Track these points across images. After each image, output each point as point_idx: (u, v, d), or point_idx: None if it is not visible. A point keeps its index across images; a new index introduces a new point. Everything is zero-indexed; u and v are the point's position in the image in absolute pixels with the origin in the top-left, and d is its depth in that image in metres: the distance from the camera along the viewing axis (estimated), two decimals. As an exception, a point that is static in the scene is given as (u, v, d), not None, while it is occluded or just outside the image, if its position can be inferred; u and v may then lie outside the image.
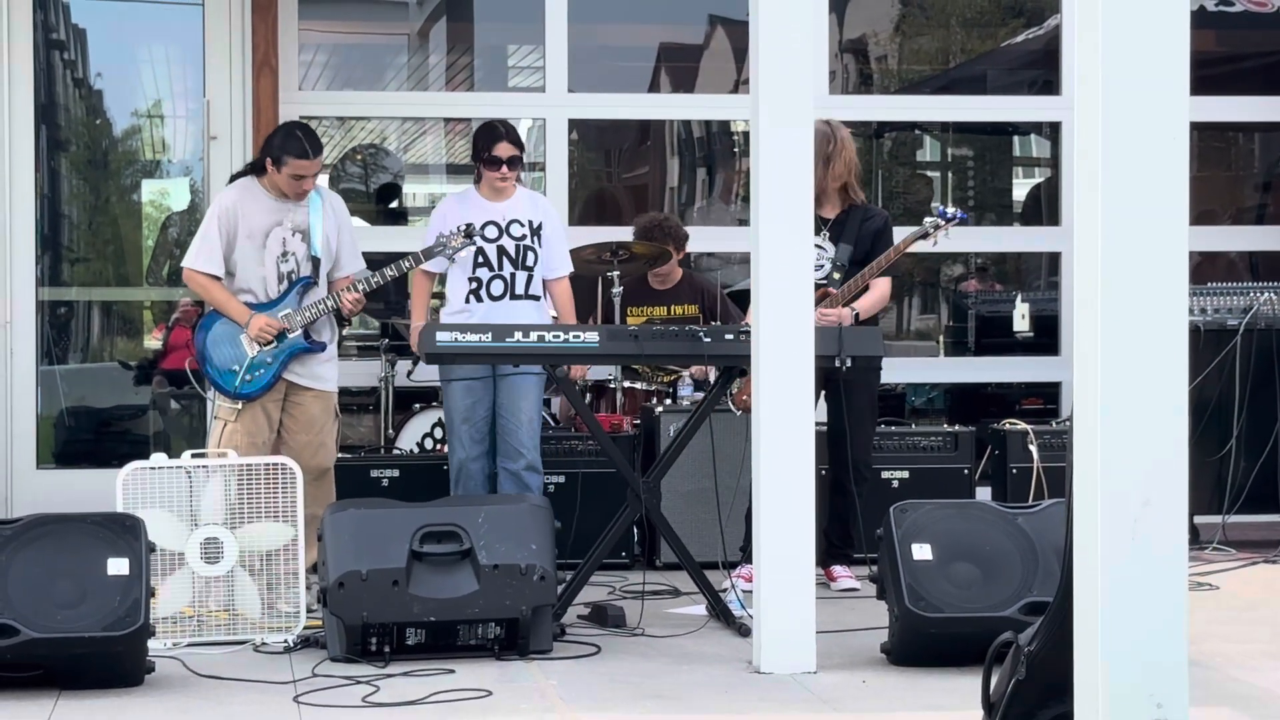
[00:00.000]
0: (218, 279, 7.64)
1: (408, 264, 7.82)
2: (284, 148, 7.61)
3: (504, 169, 8.00)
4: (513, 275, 8.02)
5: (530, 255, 8.04)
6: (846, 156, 8.09)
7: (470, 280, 7.99)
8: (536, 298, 8.07)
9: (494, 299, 7.99)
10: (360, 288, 7.71)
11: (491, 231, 7.99)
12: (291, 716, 5.79)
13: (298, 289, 7.67)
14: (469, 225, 7.91)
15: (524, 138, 8.38)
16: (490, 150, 8.05)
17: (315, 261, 7.69)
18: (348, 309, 7.71)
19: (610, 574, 8.12)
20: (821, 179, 7.82)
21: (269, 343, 7.60)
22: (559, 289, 8.18)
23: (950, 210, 8.08)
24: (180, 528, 6.77)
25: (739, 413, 8.19)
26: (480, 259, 7.96)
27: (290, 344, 7.65)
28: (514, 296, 8.01)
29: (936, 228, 8.01)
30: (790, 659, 6.35)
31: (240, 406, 7.60)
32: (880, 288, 8.08)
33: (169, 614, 6.66)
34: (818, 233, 7.81)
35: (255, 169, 7.78)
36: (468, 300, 7.99)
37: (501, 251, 8.00)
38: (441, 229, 7.94)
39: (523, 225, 8.05)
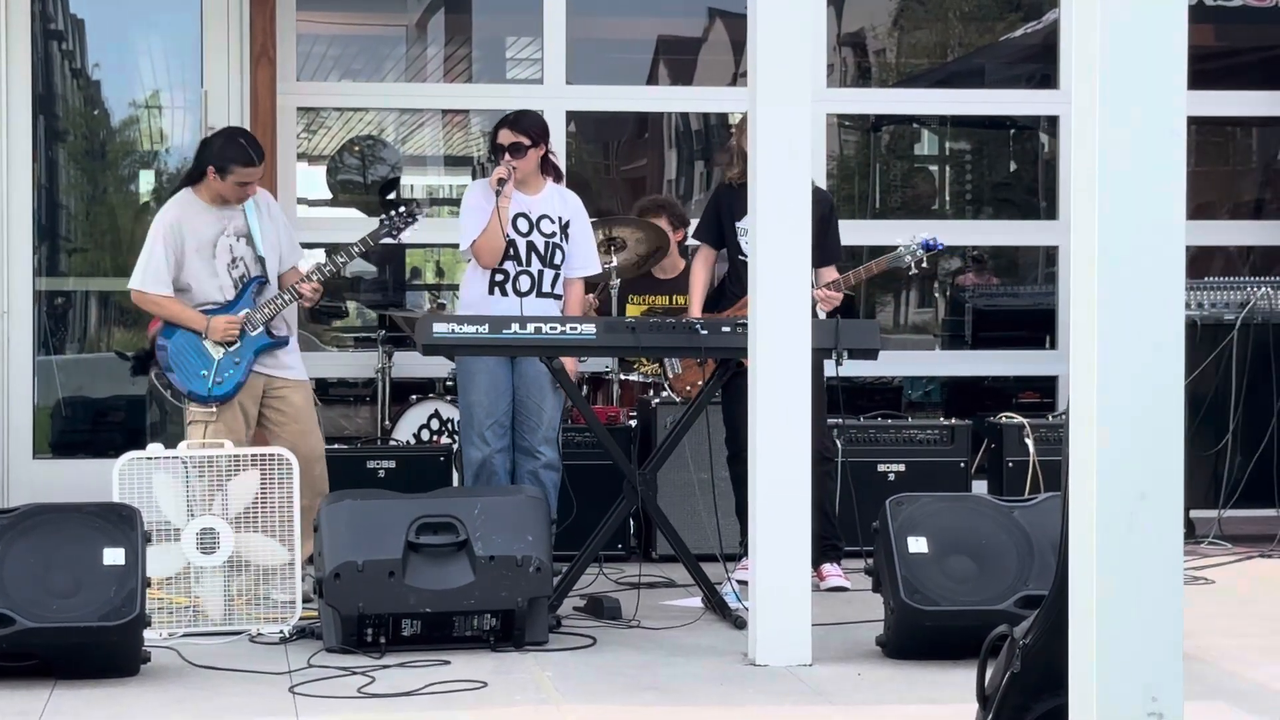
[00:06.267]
0: (168, 297, 7.62)
1: (357, 248, 7.82)
2: (227, 155, 7.57)
3: (505, 156, 7.91)
4: (540, 273, 7.91)
5: (558, 254, 7.95)
6: None
7: (496, 272, 7.90)
8: (560, 297, 7.98)
9: (519, 294, 7.87)
10: (315, 277, 7.71)
11: (522, 225, 7.92)
12: (287, 707, 5.79)
13: (252, 289, 7.65)
14: (414, 202, 7.92)
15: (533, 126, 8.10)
16: (495, 137, 8.03)
17: (262, 261, 7.67)
18: (308, 299, 7.72)
19: (607, 566, 8.12)
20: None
21: (233, 342, 7.59)
22: (575, 288, 8.06)
23: (931, 239, 8.09)
24: (184, 502, 6.80)
25: (679, 399, 8.29)
26: (510, 251, 7.91)
27: (253, 341, 7.62)
28: (540, 294, 7.90)
29: (913, 256, 8.05)
30: (785, 651, 6.35)
31: (215, 409, 7.58)
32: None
33: (155, 580, 6.60)
34: None
35: (192, 179, 7.73)
36: (491, 292, 7.88)
37: (531, 247, 7.92)
38: (475, 218, 7.87)
39: (553, 222, 7.96)
